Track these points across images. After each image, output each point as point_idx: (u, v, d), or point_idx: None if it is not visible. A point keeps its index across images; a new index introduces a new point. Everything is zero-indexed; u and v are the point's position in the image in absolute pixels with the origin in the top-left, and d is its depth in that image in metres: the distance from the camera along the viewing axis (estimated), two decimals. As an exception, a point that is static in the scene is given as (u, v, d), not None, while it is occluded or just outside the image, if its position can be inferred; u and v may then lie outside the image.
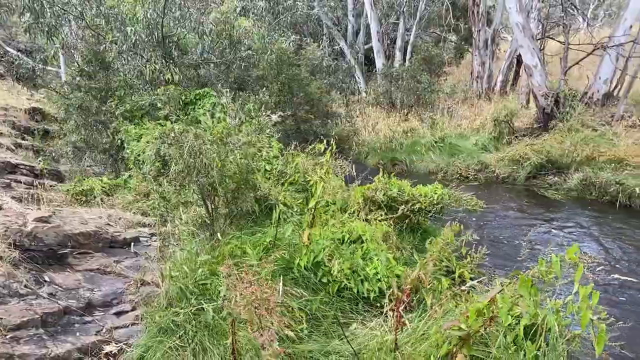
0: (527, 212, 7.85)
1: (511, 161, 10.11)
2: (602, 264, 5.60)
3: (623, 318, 3.59)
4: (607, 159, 8.79)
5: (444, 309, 2.76)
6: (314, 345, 3.09)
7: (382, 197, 5.30)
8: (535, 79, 11.98)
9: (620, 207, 7.75)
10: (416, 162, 11.53)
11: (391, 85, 15.33)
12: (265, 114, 5.63)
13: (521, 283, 2.23)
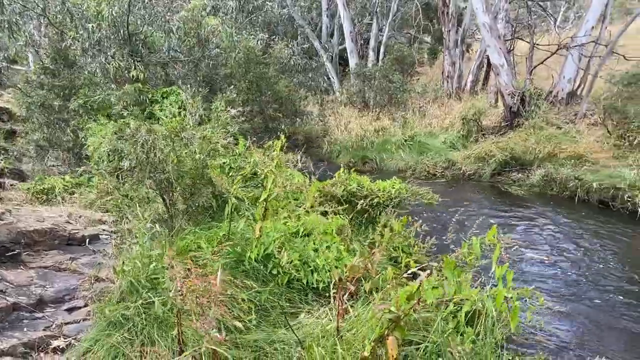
0: (490, 207, 8.03)
1: (477, 158, 10.33)
2: (534, 249, 5.80)
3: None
4: (567, 155, 9.05)
5: (382, 295, 2.84)
6: (260, 334, 3.13)
7: (342, 192, 5.37)
8: (502, 78, 12.25)
9: (579, 201, 7.99)
10: (386, 161, 11.66)
11: (364, 85, 15.46)
12: (225, 110, 5.63)
13: (445, 265, 2.32)
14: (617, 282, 5.06)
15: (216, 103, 8.14)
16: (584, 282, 5.07)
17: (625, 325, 4.17)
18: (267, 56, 9.85)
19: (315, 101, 16.54)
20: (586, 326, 4.15)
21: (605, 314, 4.37)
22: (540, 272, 5.36)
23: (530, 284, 5.00)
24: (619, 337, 3.99)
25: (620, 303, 4.60)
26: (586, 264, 5.58)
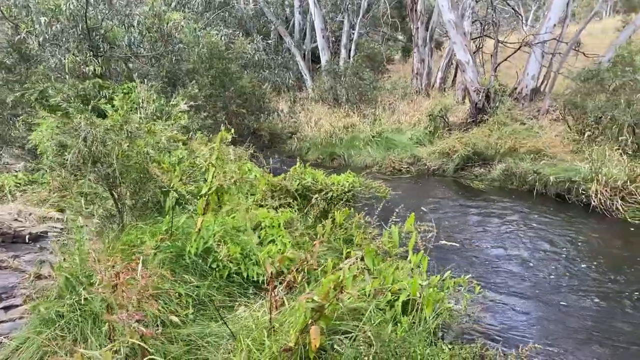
0: (450, 201, 8.13)
1: (441, 154, 10.45)
2: (488, 240, 5.91)
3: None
4: (527, 150, 9.22)
5: (314, 285, 2.83)
6: (195, 328, 3.09)
7: (297, 186, 5.36)
8: (468, 75, 12.40)
9: (537, 194, 8.15)
10: (354, 157, 11.70)
11: (335, 82, 15.50)
12: (177, 104, 5.55)
13: (366, 254, 2.33)
14: (567, 272, 5.17)
15: (177, 98, 8.06)
16: (535, 273, 5.17)
17: (570, 313, 4.26)
18: (231, 51, 9.75)
19: (288, 98, 16.50)
20: (531, 315, 4.23)
21: (552, 303, 4.46)
22: (491, 262, 5.45)
23: (480, 273, 5.08)
24: (562, 325, 4.08)
25: (568, 291, 4.71)
26: (538, 254, 5.69)
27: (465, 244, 6.08)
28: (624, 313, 4.27)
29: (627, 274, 5.08)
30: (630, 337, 3.86)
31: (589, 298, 4.57)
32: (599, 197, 7.05)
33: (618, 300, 4.52)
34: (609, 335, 3.89)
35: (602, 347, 3.71)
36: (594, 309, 4.34)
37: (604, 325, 4.04)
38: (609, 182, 7.01)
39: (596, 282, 4.91)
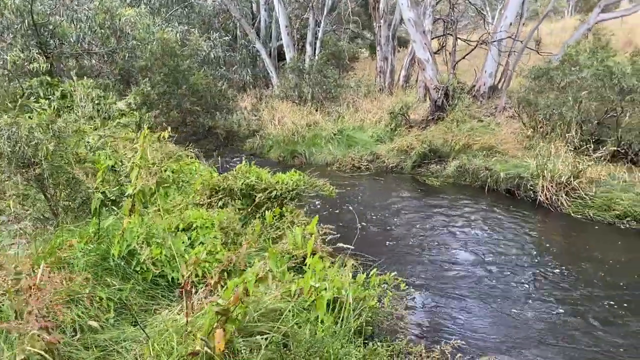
0: (403, 198, 8.21)
1: (400, 151, 10.54)
2: (436, 235, 6.00)
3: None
4: (480, 147, 9.38)
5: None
6: (113, 333, 3.02)
7: (241, 185, 5.30)
8: (428, 73, 12.53)
9: (489, 190, 8.30)
10: (315, 155, 11.69)
11: (300, 79, 15.46)
12: (111, 101, 5.42)
13: (270, 256, 2.31)
14: (509, 268, 5.27)
15: (129, 97, 7.88)
16: (476, 269, 5.25)
17: (507, 309, 4.34)
18: (186, 48, 9.60)
19: (254, 95, 16.37)
20: (467, 311, 4.30)
21: (489, 299, 4.54)
22: (435, 258, 5.51)
23: (420, 269, 5.15)
24: (498, 321, 4.15)
25: (507, 287, 4.80)
26: (481, 251, 5.79)
27: (412, 239, 6.14)
28: (560, 306, 4.38)
29: (568, 269, 5.21)
30: (565, 331, 3.96)
31: (528, 294, 4.67)
32: (545, 192, 7.23)
33: (555, 295, 4.63)
34: (544, 329, 3.98)
35: (536, 343, 3.79)
36: (532, 305, 4.43)
37: (540, 321, 4.13)
38: (554, 177, 7.19)
39: (536, 278, 5.02)
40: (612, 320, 4.11)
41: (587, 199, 6.87)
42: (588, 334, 3.89)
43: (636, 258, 5.47)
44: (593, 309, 4.31)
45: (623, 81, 7.01)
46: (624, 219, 6.43)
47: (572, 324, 4.05)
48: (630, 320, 4.09)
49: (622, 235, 6.18)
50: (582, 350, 3.65)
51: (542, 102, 9.07)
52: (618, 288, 4.72)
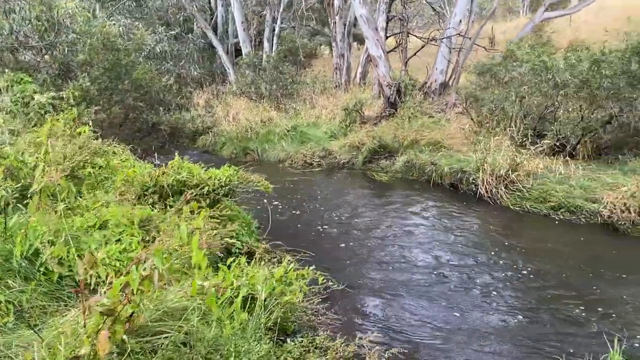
0: (351, 193, 8.22)
1: (351, 147, 10.56)
2: (379, 228, 6.03)
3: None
4: (427, 142, 9.49)
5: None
6: (9, 337, 2.85)
7: (172, 181, 5.16)
8: (380, 70, 12.62)
9: (434, 185, 8.41)
10: (268, 151, 11.58)
11: (257, 76, 15.31)
12: (28, 93, 5.16)
13: (155, 253, 2.22)
14: (445, 261, 5.33)
15: (68, 91, 7.57)
16: (412, 262, 5.29)
17: (437, 300, 4.38)
18: (130, 42, 9.29)
19: (212, 91, 16.08)
20: (395, 303, 4.31)
21: (421, 291, 4.57)
22: (374, 252, 5.52)
23: (356, 262, 5.15)
24: (424, 313, 4.17)
25: (441, 279, 4.84)
26: (419, 243, 5.84)
27: (353, 234, 6.14)
28: (489, 298, 4.45)
29: (502, 260, 5.31)
30: (491, 317, 4.02)
31: (460, 285, 4.72)
32: (485, 186, 7.37)
33: (485, 286, 4.70)
34: (472, 322, 4.03)
35: (463, 334, 3.83)
36: (463, 297, 4.48)
37: (469, 312, 4.18)
38: (494, 171, 7.33)
39: (471, 270, 5.08)
40: (533, 305, 4.21)
41: (525, 192, 7.04)
42: (507, 315, 3.97)
43: (563, 247, 5.63)
44: (516, 294, 4.40)
45: (557, 76, 7.22)
46: (559, 210, 6.62)
47: (496, 308, 4.11)
48: (551, 304, 4.20)
49: (555, 226, 6.36)
50: (508, 332, 3.72)
51: (486, 97, 9.25)
52: (541, 275, 4.84)
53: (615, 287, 4.56)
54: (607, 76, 6.80)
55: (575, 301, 4.29)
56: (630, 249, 5.55)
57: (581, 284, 4.65)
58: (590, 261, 5.20)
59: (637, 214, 5.88)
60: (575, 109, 7.64)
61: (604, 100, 7.10)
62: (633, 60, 6.71)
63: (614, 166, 7.51)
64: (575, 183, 6.91)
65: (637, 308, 4.16)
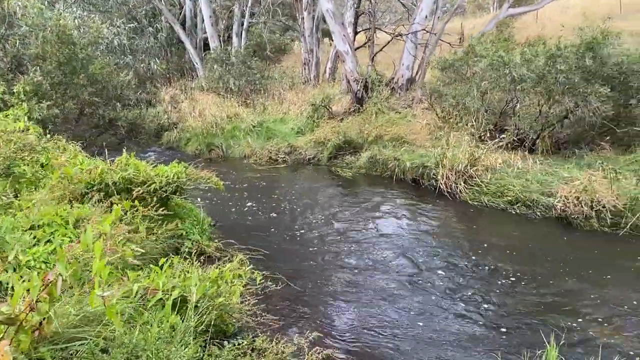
0: (315, 190, 8.14)
1: (317, 143, 10.47)
2: (337, 222, 5.96)
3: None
4: (390, 137, 9.47)
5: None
6: None
7: (118, 178, 4.97)
8: (348, 65, 12.56)
9: (397, 180, 8.39)
10: (234, 147, 11.39)
11: (225, 71, 15.08)
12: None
13: (59, 259, 2.08)
14: (399, 258, 5.29)
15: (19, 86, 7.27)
16: (365, 258, 5.23)
17: (385, 298, 4.32)
18: (86, 35, 8.96)
19: (180, 86, 15.75)
20: (340, 302, 4.24)
21: (369, 288, 4.51)
22: (328, 248, 5.45)
23: (310, 258, 5.07)
24: (370, 312, 4.11)
25: (392, 277, 4.79)
26: (372, 237, 5.79)
27: (311, 231, 6.05)
28: (442, 296, 4.41)
29: (457, 258, 5.30)
30: (440, 323, 3.99)
31: (413, 285, 4.68)
32: (445, 181, 7.38)
33: (437, 286, 4.67)
34: (420, 321, 3.98)
35: (408, 332, 3.78)
36: (416, 297, 4.44)
37: (420, 312, 4.14)
38: (453, 166, 7.34)
39: (425, 268, 5.05)
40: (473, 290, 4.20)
41: (483, 186, 7.08)
42: (457, 311, 3.94)
43: (518, 241, 5.66)
44: (466, 290, 4.38)
45: (514, 71, 7.27)
46: (515, 204, 6.66)
47: (448, 306, 4.09)
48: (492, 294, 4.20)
49: (511, 221, 6.40)
50: (453, 328, 3.69)
51: (449, 93, 9.27)
52: (493, 271, 4.84)
53: (564, 281, 4.60)
54: (562, 71, 6.87)
55: (525, 297, 4.31)
56: (582, 243, 5.60)
57: (531, 278, 4.67)
58: (542, 256, 5.23)
59: (589, 208, 5.95)
60: (533, 104, 7.72)
61: (559, 95, 7.18)
62: (587, 55, 6.80)
63: (571, 160, 7.61)
64: (532, 177, 6.98)
65: (583, 302, 4.19)
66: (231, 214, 6.83)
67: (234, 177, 9.10)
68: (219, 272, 3.23)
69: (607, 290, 4.37)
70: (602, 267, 4.86)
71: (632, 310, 4.01)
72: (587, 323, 3.82)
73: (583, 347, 3.47)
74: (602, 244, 5.50)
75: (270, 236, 5.91)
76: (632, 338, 3.60)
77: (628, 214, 5.77)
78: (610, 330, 3.71)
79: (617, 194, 5.96)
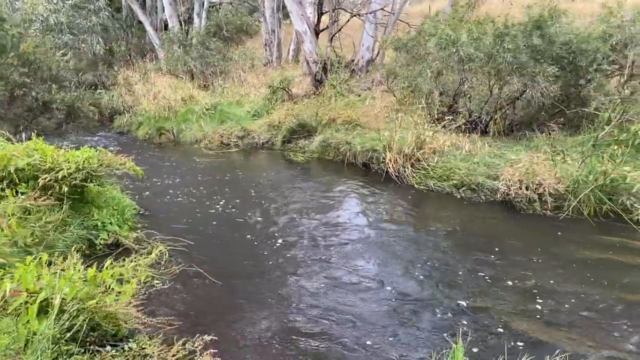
0: (261, 176, 7.82)
1: (271, 127, 10.11)
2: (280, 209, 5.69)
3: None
4: (343, 120, 9.18)
5: None
6: None
7: (23, 165, 4.57)
8: (306, 46, 12.16)
9: (348, 164, 8.13)
10: (185, 131, 10.94)
11: (185, 52, 14.52)
12: None
13: None
14: (337, 246, 5.04)
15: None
16: (297, 247, 4.98)
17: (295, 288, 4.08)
18: (18, 12, 8.35)
19: (140, 69, 15.11)
20: (249, 298, 3.98)
21: (288, 280, 4.26)
22: (265, 238, 5.16)
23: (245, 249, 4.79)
24: (280, 310, 3.86)
25: (319, 267, 4.55)
26: (307, 226, 5.53)
27: (246, 220, 5.76)
28: (366, 283, 4.19)
29: (396, 245, 5.07)
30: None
31: (339, 279, 4.44)
32: (393, 164, 7.14)
33: (364, 273, 4.44)
34: (347, 314, 3.75)
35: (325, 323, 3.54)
36: (340, 293, 4.20)
37: (346, 306, 3.90)
38: (401, 149, 7.11)
39: (357, 257, 4.81)
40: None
41: (430, 170, 6.87)
42: (386, 300, 3.72)
43: (459, 226, 5.46)
44: (398, 278, 4.16)
45: (461, 50, 7.01)
46: (461, 188, 6.48)
47: (378, 296, 3.86)
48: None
49: (456, 205, 6.20)
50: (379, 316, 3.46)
51: (402, 74, 9.01)
52: (431, 258, 4.64)
53: (492, 267, 4.42)
54: (509, 50, 6.64)
55: (457, 287, 4.11)
56: (520, 229, 5.43)
57: (468, 266, 4.48)
58: (476, 242, 5.05)
59: (532, 191, 5.79)
60: (484, 85, 7.50)
61: (508, 75, 6.96)
62: (534, 34, 6.58)
63: (522, 143, 7.47)
64: (480, 160, 6.79)
65: (506, 289, 4.02)
66: (165, 202, 6.46)
67: (178, 163, 8.72)
68: (95, 271, 2.91)
69: (530, 277, 4.20)
70: (533, 253, 4.69)
71: (547, 297, 3.85)
72: (498, 310, 3.65)
73: (493, 338, 3.29)
74: (541, 229, 5.34)
75: (202, 225, 5.58)
76: (541, 325, 3.43)
77: (571, 197, 5.64)
78: (517, 318, 3.54)
79: (561, 177, 5.82)
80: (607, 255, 4.61)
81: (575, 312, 3.64)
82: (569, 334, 3.35)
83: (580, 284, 4.07)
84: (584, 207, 5.57)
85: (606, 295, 3.88)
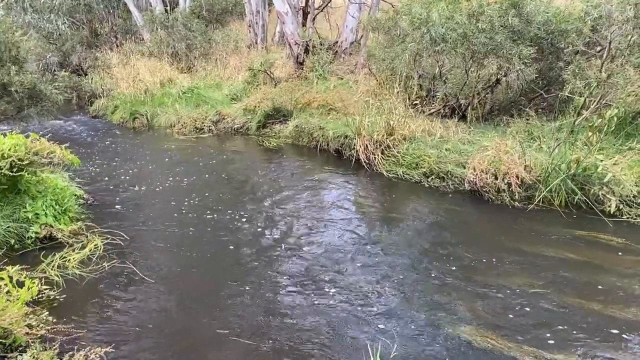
0: (232, 163, 7.52)
1: (247, 111, 9.75)
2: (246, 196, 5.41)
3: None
4: (319, 105, 8.81)
5: None
6: None
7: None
8: (288, 27, 11.73)
9: (320, 150, 7.82)
10: (160, 115, 10.58)
11: (168, 34, 14.12)
12: None
13: None
14: (303, 236, 4.78)
15: None
16: (261, 237, 4.71)
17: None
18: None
19: (125, 51, 14.71)
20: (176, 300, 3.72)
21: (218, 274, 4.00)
22: (217, 231, 4.89)
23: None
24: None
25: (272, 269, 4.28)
26: (279, 214, 5.25)
27: (203, 214, 5.48)
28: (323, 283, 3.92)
29: (359, 237, 4.79)
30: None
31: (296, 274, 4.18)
32: (364, 151, 6.82)
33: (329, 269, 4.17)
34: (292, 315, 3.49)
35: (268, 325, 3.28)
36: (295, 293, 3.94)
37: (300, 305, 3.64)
38: (372, 136, 6.77)
39: (320, 251, 4.54)
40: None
41: (400, 157, 6.54)
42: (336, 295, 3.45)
43: (425, 218, 5.17)
44: (359, 271, 3.89)
45: (432, 29, 6.61)
46: (429, 176, 6.16)
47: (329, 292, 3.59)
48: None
49: (423, 195, 5.88)
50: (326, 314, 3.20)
51: (379, 55, 8.61)
52: (392, 251, 4.36)
53: (443, 262, 4.13)
54: (484, 30, 6.24)
55: (409, 281, 3.84)
56: (484, 222, 5.14)
57: (423, 261, 4.20)
58: (435, 237, 4.76)
59: (501, 180, 5.46)
60: (460, 68, 7.11)
61: (483, 57, 6.57)
62: (510, 13, 6.17)
63: (498, 128, 7.11)
64: (451, 147, 6.46)
65: (458, 289, 3.74)
66: (118, 191, 6.17)
67: (145, 149, 8.41)
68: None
69: (479, 274, 3.92)
70: (490, 248, 4.40)
71: (485, 295, 3.57)
72: (439, 309, 3.37)
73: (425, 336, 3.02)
74: (504, 222, 5.03)
75: (153, 217, 5.30)
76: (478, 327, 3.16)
77: (540, 187, 5.32)
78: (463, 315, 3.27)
79: (531, 165, 5.48)
80: (567, 254, 4.27)
81: (511, 313, 3.36)
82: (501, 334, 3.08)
83: (529, 284, 3.77)
84: (554, 197, 5.26)
85: (555, 297, 3.59)
